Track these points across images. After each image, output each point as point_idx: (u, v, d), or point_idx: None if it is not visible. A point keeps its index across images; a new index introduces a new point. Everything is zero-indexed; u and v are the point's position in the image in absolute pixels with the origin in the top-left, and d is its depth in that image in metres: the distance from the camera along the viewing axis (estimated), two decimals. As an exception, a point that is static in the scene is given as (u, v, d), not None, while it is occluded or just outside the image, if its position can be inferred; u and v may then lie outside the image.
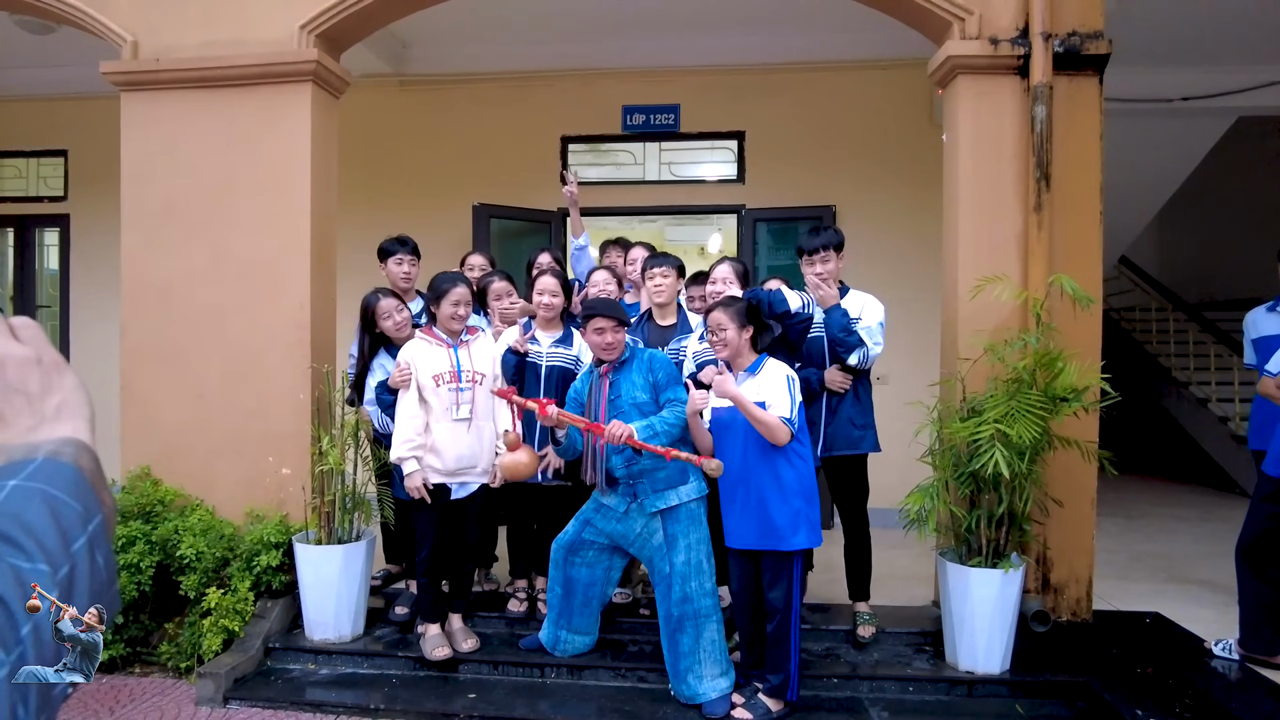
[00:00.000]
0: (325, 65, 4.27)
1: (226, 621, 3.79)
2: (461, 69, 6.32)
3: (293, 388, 4.18)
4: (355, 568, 3.89)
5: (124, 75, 4.32)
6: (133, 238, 4.37)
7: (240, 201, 4.29)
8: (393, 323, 3.84)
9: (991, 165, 3.93)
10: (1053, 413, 3.42)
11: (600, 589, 3.66)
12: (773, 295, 3.53)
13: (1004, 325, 3.80)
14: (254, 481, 4.16)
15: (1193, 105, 6.19)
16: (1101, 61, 3.90)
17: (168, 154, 4.34)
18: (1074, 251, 3.87)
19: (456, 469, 3.57)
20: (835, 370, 3.74)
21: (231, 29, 4.30)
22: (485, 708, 3.43)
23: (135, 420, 4.34)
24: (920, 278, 5.48)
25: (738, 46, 6.02)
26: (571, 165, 3.93)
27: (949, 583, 3.60)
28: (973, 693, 3.53)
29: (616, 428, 3.16)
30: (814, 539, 3.20)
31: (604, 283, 3.95)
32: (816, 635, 3.85)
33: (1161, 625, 3.87)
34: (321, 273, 4.32)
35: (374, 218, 5.74)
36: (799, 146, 6.12)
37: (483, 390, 3.62)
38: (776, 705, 3.28)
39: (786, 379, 3.19)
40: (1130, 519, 6.28)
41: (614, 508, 3.47)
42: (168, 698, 3.62)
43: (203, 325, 4.28)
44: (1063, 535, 3.86)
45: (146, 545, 3.87)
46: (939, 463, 3.68)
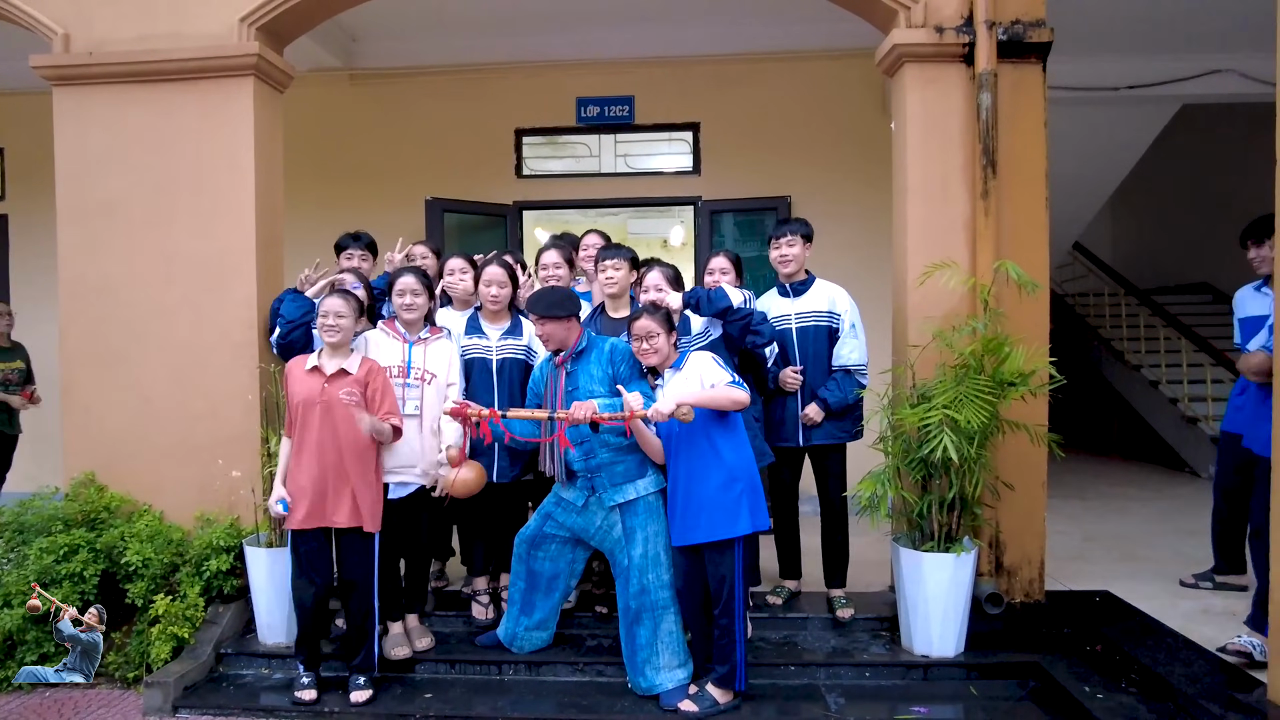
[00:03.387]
0: (267, 59, 4.18)
1: (175, 629, 3.71)
2: (412, 62, 6.24)
3: (241, 388, 4.09)
4: (308, 570, 3.81)
5: (55, 69, 4.19)
6: (70, 237, 4.24)
7: (182, 199, 4.18)
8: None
9: (939, 153, 3.96)
10: (1000, 397, 3.47)
11: (564, 581, 3.64)
12: (713, 292, 3.53)
13: (953, 312, 3.83)
14: (204, 485, 4.07)
15: (1137, 93, 6.31)
16: (1044, 49, 3.94)
17: (105, 151, 4.22)
18: (1021, 237, 3.92)
19: (392, 467, 3.52)
20: (788, 371, 3.82)
21: (169, 22, 4.19)
22: (443, 707, 3.39)
23: (78, 425, 4.21)
24: (874, 266, 5.50)
25: (691, 37, 6.01)
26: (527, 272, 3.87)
27: (903, 568, 3.63)
28: (928, 676, 3.58)
29: (578, 409, 3.15)
30: (759, 521, 3.21)
31: (554, 266, 3.91)
32: (774, 623, 3.87)
33: (1111, 603, 3.94)
34: (268, 270, 4.23)
35: (326, 214, 5.65)
36: (753, 138, 6.13)
37: (432, 390, 3.57)
38: (724, 696, 3.28)
39: (710, 358, 3.28)
40: (1085, 500, 6.40)
41: (573, 501, 3.46)
42: (114, 709, 3.52)
43: (146, 326, 4.17)
44: (1014, 518, 3.91)
45: (90, 554, 3.77)
46: (890, 449, 3.71)
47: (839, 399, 3.79)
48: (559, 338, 3.39)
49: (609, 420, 3.18)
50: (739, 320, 3.49)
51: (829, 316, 3.86)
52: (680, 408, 3.04)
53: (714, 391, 3.13)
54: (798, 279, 3.94)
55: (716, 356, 3.31)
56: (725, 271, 3.82)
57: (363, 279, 3.85)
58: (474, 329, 3.83)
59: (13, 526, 3.93)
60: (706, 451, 3.19)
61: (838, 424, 3.85)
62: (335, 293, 3.52)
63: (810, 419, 3.80)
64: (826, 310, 3.87)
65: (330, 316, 3.40)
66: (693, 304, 3.55)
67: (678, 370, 3.30)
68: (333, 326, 3.40)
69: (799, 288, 3.93)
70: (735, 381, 3.17)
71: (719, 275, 3.81)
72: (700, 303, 3.52)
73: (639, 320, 3.30)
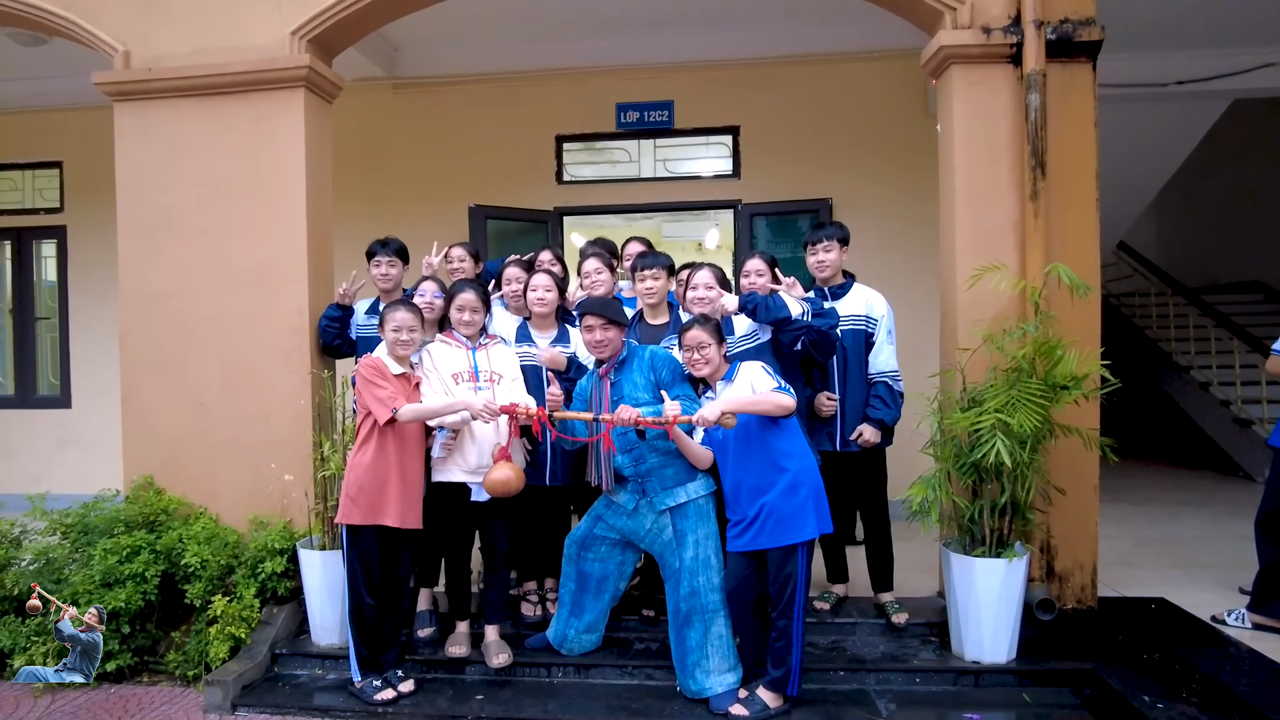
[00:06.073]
0: (317, 70, 4.27)
1: (233, 629, 3.80)
2: (454, 70, 6.32)
3: (293, 394, 4.18)
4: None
5: (116, 85, 4.32)
6: (129, 248, 4.37)
7: (235, 209, 4.29)
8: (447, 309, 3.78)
9: (986, 155, 3.92)
10: (1053, 401, 3.42)
11: (613, 583, 3.67)
12: (771, 300, 3.52)
13: (1002, 314, 3.79)
14: (257, 489, 4.17)
15: (1188, 89, 6.16)
16: (1094, 48, 3.88)
17: (162, 163, 4.34)
18: (1071, 239, 3.87)
19: (479, 467, 3.55)
20: (823, 396, 3.83)
21: (222, 36, 4.30)
22: (494, 709, 3.43)
23: (136, 430, 4.34)
24: (917, 269, 5.47)
25: (730, 41, 6.00)
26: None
27: (953, 573, 3.60)
28: (979, 682, 3.54)
29: (624, 411, 3.18)
30: (824, 525, 3.21)
31: (595, 273, 3.95)
32: (822, 628, 3.85)
33: (1167, 610, 3.86)
34: (319, 278, 4.32)
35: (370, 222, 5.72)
36: (794, 140, 6.11)
37: (504, 389, 3.60)
38: (775, 700, 3.27)
39: (760, 367, 3.27)
40: (1134, 505, 6.27)
41: (623, 504, 3.49)
42: (176, 706, 3.62)
43: (201, 334, 4.29)
44: (1066, 523, 3.85)
45: (151, 555, 3.87)
46: (940, 454, 3.68)
47: (893, 416, 3.79)
48: (616, 344, 3.42)
49: (652, 424, 3.20)
50: (795, 331, 3.49)
51: (865, 321, 3.85)
52: (724, 415, 3.05)
53: (758, 396, 3.13)
54: (835, 283, 3.93)
55: (766, 365, 3.31)
56: (761, 274, 3.79)
57: (442, 286, 3.91)
58: (524, 337, 3.88)
59: (78, 528, 4.06)
60: (766, 458, 3.19)
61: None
62: (403, 305, 3.58)
63: (868, 442, 3.78)
64: (864, 314, 3.85)
65: (404, 331, 3.49)
66: (749, 310, 3.54)
67: (729, 382, 3.29)
68: (406, 341, 3.51)
69: (837, 292, 3.91)
70: (781, 388, 3.17)
71: (754, 277, 3.79)
72: (758, 309, 3.52)
73: (690, 331, 3.31)
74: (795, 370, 3.73)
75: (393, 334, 3.50)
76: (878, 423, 3.77)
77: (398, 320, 3.50)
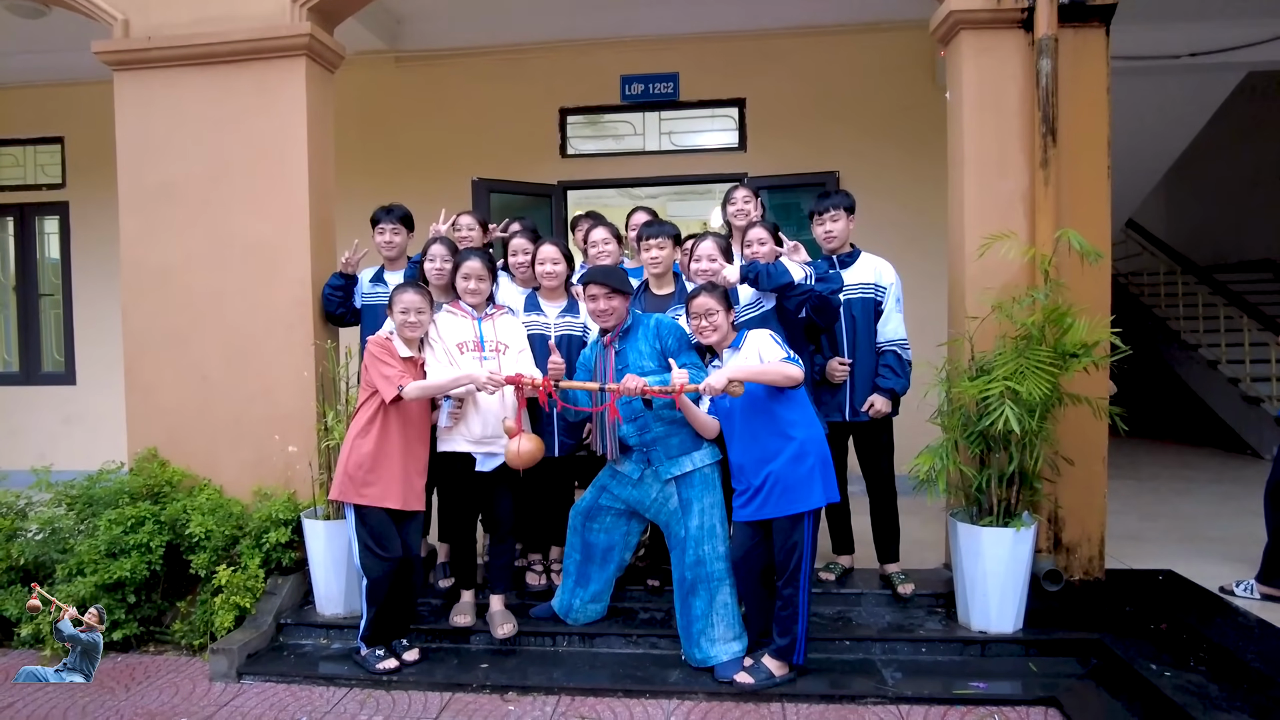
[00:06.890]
0: (319, 39, 4.22)
1: (238, 599, 3.80)
2: (457, 43, 6.26)
3: (296, 366, 4.16)
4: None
5: (116, 54, 4.27)
6: (131, 222, 4.34)
7: (237, 181, 4.25)
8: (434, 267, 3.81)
9: (996, 122, 3.86)
10: (1062, 368, 3.38)
11: (618, 553, 3.66)
12: (772, 267, 3.49)
13: (1012, 283, 3.75)
14: (261, 460, 4.16)
15: (1201, 61, 6.07)
16: (1108, 12, 3.82)
17: (163, 135, 4.30)
18: (1081, 207, 3.82)
19: (483, 437, 3.54)
20: (835, 362, 3.78)
21: (222, 4, 4.24)
22: (499, 677, 3.43)
23: (140, 404, 4.33)
24: (924, 240, 5.43)
25: (736, 12, 5.94)
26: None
27: (960, 543, 3.58)
28: (986, 652, 3.53)
29: (628, 381, 3.16)
30: (831, 494, 3.19)
31: (603, 242, 3.91)
32: (827, 599, 3.84)
33: (1174, 582, 3.84)
34: (321, 250, 4.29)
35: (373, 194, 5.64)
36: (800, 113, 6.05)
37: (509, 359, 3.57)
38: (781, 669, 3.26)
39: (769, 335, 3.24)
40: (1141, 481, 6.25)
41: (629, 474, 3.47)
42: (182, 675, 3.63)
43: (204, 307, 4.26)
44: (1074, 494, 3.83)
45: (156, 525, 3.87)
46: (948, 423, 3.65)
47: (902, 385, 3.76)
48: (621, 313, 3.39)
49: (658, 393, 3.17)
50: (799, 297, 3.45)
51: (875, 289, 3.81)
52: (731, 383, 3.03)
53: (766, 366, 3.10)
54: (843, 252, 3.89)
55: (774, 333, 3.27)
56: (763, 242, 3.73)
57: (453, 249, 3.85)
58: (532, 306, 3.86)
59: (83, 499, 4.05)
60: (773, 427, 3.16)
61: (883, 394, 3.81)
62: (412, 286, 3.54)
63: (879, 412, 3.74)
64: (873, 283, 3.81)
65: (411, 313, 3.46)
66: (750, 278, 3.51)
67: (736, 350, 3.27)
68: (414, 324, 3.48)
69: (845, 260, 3.88)
70: (790, 358, 3.14)
71: (757, 246, 3.74)
72: (759, 277, 3.48)
73: (698, 298, 3.28)
74: (802, 337, 3.70)
75: (401, 315, 3.47)
76: (888, 392, 3.74)
77: (405, 302, 3.47)
